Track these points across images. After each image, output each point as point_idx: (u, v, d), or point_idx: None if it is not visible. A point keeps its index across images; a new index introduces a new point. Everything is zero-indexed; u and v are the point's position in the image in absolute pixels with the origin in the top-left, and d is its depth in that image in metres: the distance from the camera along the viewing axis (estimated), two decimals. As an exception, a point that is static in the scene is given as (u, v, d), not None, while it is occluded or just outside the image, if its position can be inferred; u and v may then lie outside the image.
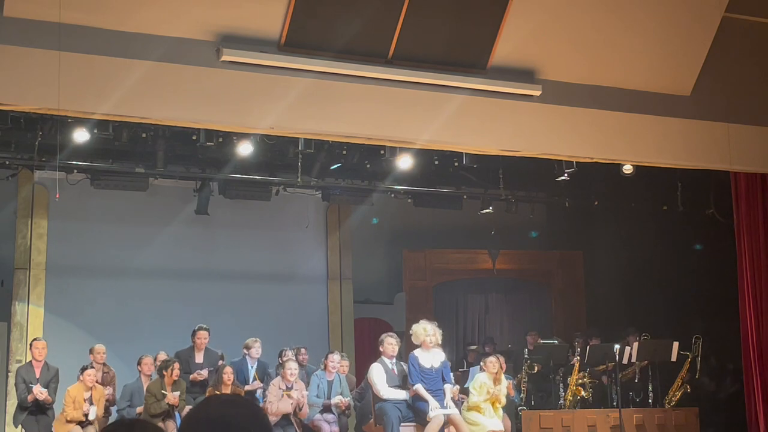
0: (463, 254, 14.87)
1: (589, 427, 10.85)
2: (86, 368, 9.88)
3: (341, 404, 10.15)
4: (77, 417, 9.64)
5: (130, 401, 10.08)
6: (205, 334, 10.42)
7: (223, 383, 9.71)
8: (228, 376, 9.75)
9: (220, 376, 9.78)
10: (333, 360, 10.35)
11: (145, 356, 10.41)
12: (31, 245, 12.22)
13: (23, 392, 9.78)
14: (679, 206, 12.49)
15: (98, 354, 10.39)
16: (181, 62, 7.86)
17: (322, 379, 10.21)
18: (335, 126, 8.57)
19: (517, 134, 9.19)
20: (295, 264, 13.54)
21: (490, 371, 9.87)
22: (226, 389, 9.66)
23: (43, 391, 9.68)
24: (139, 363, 10.38)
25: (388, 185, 12.19)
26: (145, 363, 10.34)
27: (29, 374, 9.90)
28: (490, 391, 9.74)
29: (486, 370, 9.90)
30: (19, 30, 7.30)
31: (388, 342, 9.79)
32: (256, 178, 11.74)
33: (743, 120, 9.94)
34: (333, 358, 10.39)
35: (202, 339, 10.40)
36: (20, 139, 10.36)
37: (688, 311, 13.02)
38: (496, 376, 9.84)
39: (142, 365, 10.34)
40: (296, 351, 10.51)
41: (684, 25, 9.30)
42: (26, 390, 9.75)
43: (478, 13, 8.58)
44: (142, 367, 10.33)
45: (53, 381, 9.90)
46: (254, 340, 10.43)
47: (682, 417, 11.21)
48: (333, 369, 10.31)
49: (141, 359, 10.39)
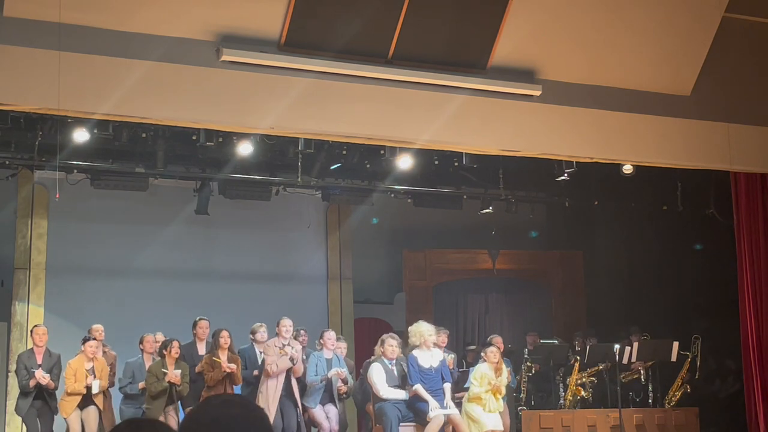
0: (463, 254, 14.87)
1: (589, 427, 10.86)
2: (87, 339, 9.77)
3: (339, 374, 10.00)
4: (79, 389, 9.49)
5: (132, 378, 10.08)
6: (206, 324, 10.40)
7: (219, 347, 9.65)
8: (225, 339, 9.65)
9: (217, 340, 9.70)
10: (329, 337, 10.24)
11: (147, 334, 10.42)
12: (31, 245, 12.22)
13: (24, 378, 9.64)
14: (679, 206, 12.49)
15: (96, 332, 10.28)
16: (181, 62, 7.86)
17: (320, 358, 10.09)
18: (335, 126, 8.58)
19: (517, 134, 9.20)
20: (295, 264, 13.54)
21: (491, 361, 9.71)
22: (222, 353, 9.60)
23: (46, 376, 9.54)
24: (141, 341, 10.38)
25: (388, 185, 12.19)
26: (147, 341, 10.35)
27: (30, 360, 9.78)
28: (492, 382, 9.59)
29: (487, 360, 9.78)
30: (19, 30, 7.30)
31: (389, 343, 9.77)
32: (256, 178, 11.73)
33: (743, 120, 9.95)
34: (329, 335, 10.27)
35: (204, 329, 10.37)
36: (20, 139, 10.36)
37: (688, 311, 13.03)
38: (497, 366, 9.72)
39: (144, 343, 10.35)
40: (296, 333, 10.47)
41: (684, 25, 9.31)
42: (27, 375, 9.62)
43: (478, 13, 8.58)
44: (144, 345, 10.35)
45: (56, 367, 9.76)
46: (260, 324, 10.35)
47: (682, 417, 11.21)
48: (331, 346, 10.19)
49: (143, 338, 10.40)
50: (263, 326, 10.37)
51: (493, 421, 9.60)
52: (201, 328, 10.39)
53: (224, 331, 9.76)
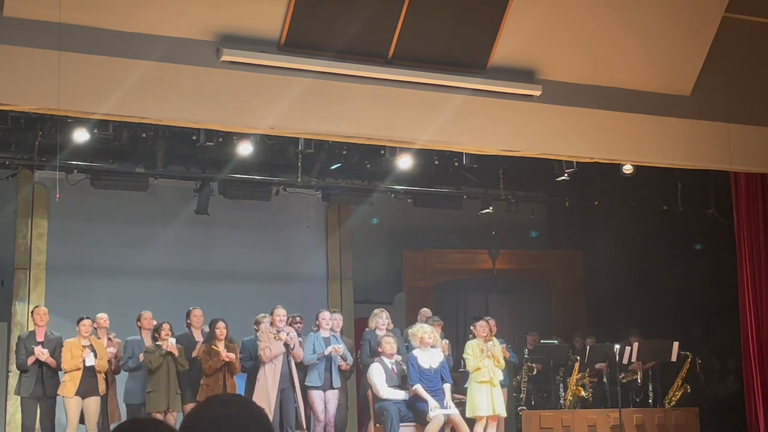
0: (463, 254, 14.87)
1: (589, 427, 10.86)
2: (82, 318, 9.76)
3: (336, 350, 9.92)
4: (75, 365, 9.50)
5: (132, 355, 10.12)
6: (200, 312, 10.40)
7: (215, 338, 9.66)
8: (221, 330, 9.66)
9: (213, 331, 9.71)
10: (324, 317, 10.16)
11: (144, 311, 10.49)
12: (31, 245, 12.22)
13: (23, 356, 9.64)
14: (679, 206, 12.49)
15: (100, 320, 10.32)
16: (181, 62, 7.86)
17: (318, 338, 10.03)
18: (335, 126, 8.58)
19: (517, 134, 9.20)
20: (295, 264, 13.54)
21: (480, 335, 9.94)
22: (219, 343, 9.61)
23: (44, 351, 9.53)
24: (139, 319, 10.44)
25: (388, 185, 12.19)
26: (144, 318, 10.41)
27: (30, 339, 9.81)
28: (483, 348, 9.80)
29: (476, 335, 9.96)
30: (19, 30, 7.30)
31: (386, 341, 9.79)
32: (256, 178, 11.74)
33: (743, 120, 9.95)
34: (324, 315, 10.20)
35: (198, 317, 10.38)
36: (20, 139, 10.36)
37: (688, 311, 13.02)
38: (486, 339, 9.91)
39: (142, 320, 10.40)
40: (291, 319, 10.43)
41: (684, 25, 9.31)
42: (26, 354, 9.62)
43: (478, 13, 8.58)
44: (142, 322, 10.40)
45: (57, 348, 9.75)
46: (263, 315, 10.32)
47: (682, 417, 11.21)
48: (327, 326, 10.11)
49: (140, 315, 10.45)
50: (267, 317, 10.35)
51: (496, 404, 9.64)
52: (195, 316, 10.41)
53: (220, 321, 9.79)
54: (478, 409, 9.63)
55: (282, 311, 9.93)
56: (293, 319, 10.62)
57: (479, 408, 9.64)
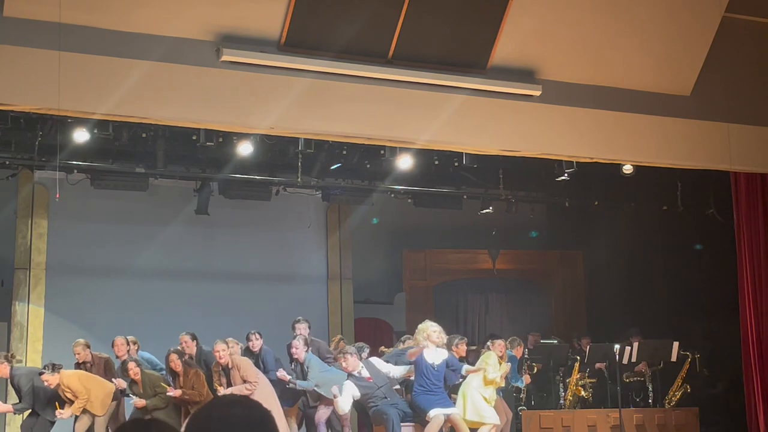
0: (463, 254, 14.88)
1: (589, 427, 10.86)
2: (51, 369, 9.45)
3: (282, 377, 9.81)
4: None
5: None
6: (121, 341, 10.07)
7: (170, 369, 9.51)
8: (174, 363, 9.41)
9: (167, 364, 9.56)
10: (354, 360, 9.42)
11: (118, 337, 10.17)
12: (31, 245, 12.22)
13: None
14: (679, 206, 12.50)
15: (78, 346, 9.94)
16: (181, 62, 7.86)
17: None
18: (335, 126, 8.58)
19: (517, 134, 9.20)
20: (295, 264, 13.54)
21: (497, 352, 9.89)
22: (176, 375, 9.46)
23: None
24: (113, 344, 10.14)
25: (388, 185, 12.19)
26: (116, 345, 10.09)
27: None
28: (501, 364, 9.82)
29: (494, 351, 9.91)
30: (19, 30, 7.30)
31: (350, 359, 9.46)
32: (256, 178, 11.74)
33: (743, 120, 9.95)
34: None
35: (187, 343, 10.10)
36: (20, 139, 10.36)
37: (688, 311, 13.03)
38: (500, 360, 9.90)
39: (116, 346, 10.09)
40: (246, 336, 10.23)
41: (684, 25, 9.31)
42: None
43: (478, 13, 8.58)
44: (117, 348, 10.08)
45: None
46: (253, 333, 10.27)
47: (682, 417, 11.21)
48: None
49: (114, 341, 10.13)
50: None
51: (494, 415, 9.63)
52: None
53: (173, 354, 9.46)
54: (486, 417, 9.60)
55: (221, 346, 9.38)
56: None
57: (487, 416, 9.60)
